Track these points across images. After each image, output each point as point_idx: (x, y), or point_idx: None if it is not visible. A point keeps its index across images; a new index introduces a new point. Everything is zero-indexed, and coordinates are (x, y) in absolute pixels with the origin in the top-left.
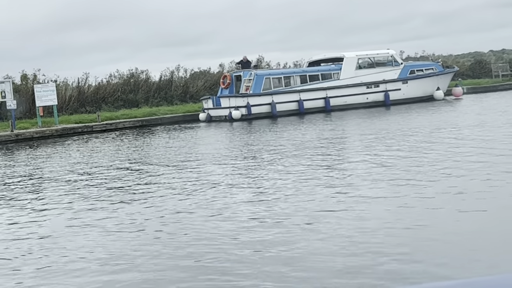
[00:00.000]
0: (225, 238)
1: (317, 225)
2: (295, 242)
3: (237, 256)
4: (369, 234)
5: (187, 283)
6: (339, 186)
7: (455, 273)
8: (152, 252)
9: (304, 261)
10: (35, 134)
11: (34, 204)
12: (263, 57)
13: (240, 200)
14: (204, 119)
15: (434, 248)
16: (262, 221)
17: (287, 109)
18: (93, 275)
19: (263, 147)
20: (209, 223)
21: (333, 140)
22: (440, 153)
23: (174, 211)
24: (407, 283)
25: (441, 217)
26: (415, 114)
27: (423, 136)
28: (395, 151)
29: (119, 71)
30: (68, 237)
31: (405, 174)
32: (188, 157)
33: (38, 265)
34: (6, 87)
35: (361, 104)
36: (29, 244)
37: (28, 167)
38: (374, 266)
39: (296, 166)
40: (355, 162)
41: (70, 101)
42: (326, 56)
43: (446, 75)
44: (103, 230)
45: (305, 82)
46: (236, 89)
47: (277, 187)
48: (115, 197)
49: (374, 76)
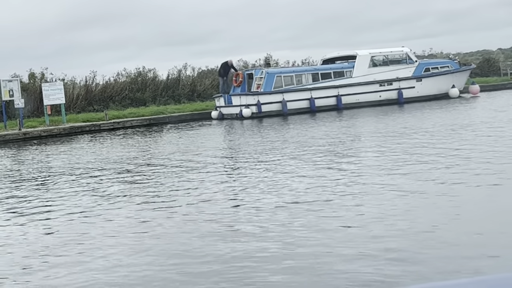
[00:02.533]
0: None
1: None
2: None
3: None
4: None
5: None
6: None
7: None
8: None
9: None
10: (43, 132)
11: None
12: (271, 55)
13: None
14: (216, 117)
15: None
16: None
17: (298, 107)
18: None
19: (257, 146)
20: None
21: (347, 137)
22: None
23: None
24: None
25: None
26: (440, 112)
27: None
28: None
29: (127, 70)
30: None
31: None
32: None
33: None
34: (14, 86)
35: (373, 102)
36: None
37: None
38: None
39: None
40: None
41: (78, 100)
42: (340, 54)
43: (462, 73)
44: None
45: (317, 80)
46: (248, 87)
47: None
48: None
49: (388, 74)
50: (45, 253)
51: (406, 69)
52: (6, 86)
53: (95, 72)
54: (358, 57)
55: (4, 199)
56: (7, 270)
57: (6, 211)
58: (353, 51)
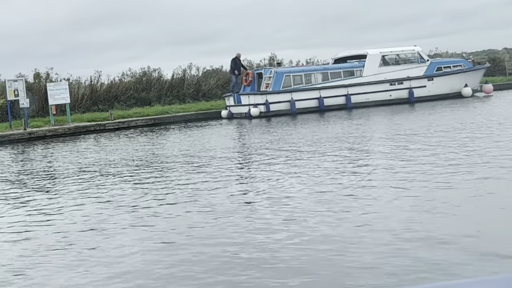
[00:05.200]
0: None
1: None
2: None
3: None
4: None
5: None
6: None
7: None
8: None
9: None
10: (48, 132)
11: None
12: (275, 55)
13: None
14: (226, 116)
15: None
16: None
17: (306, 106)
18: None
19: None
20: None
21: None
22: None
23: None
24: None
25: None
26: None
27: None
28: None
29: (132, 70)
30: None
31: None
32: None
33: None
34: (19, 86)
35: (383, 101)
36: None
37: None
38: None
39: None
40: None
41: (83, 100)
42: (351, 53)
43: (476, 72)
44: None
45: (326, 79)
46: (258, 87)
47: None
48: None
49: (399, 73)
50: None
51: (418, 68)
52: (11, 85)
53: (100, 71)
54: (369, 56)
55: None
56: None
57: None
58: (363, 50)
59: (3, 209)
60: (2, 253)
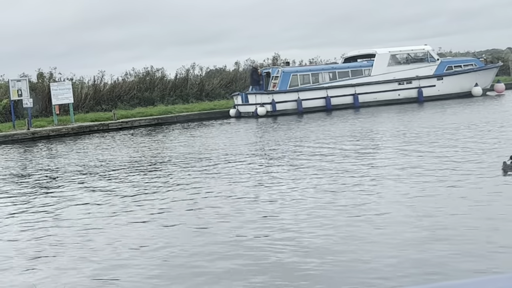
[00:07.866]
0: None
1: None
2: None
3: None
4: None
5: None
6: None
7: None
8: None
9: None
10: (51, 132)
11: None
12: (278, 55)
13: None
14: (234, 115)
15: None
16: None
17: (313, 106)
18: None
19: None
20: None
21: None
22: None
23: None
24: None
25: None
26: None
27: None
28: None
29: (135, 69)
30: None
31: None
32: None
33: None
34: (22, 86)
35: (392, 101)
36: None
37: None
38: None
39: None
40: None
41: (86, 99)
42: (361, 52)
43: (488, 71)
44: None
45: (334, 79)
46: (266, 86)
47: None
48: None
49: (408, 72)
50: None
51: (427, 68)
52: (15, 85)
53: (103, 71)
54: (377, 55)
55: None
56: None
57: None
58: (373, 49)
59: (7, 208)
60: (2, 252)
